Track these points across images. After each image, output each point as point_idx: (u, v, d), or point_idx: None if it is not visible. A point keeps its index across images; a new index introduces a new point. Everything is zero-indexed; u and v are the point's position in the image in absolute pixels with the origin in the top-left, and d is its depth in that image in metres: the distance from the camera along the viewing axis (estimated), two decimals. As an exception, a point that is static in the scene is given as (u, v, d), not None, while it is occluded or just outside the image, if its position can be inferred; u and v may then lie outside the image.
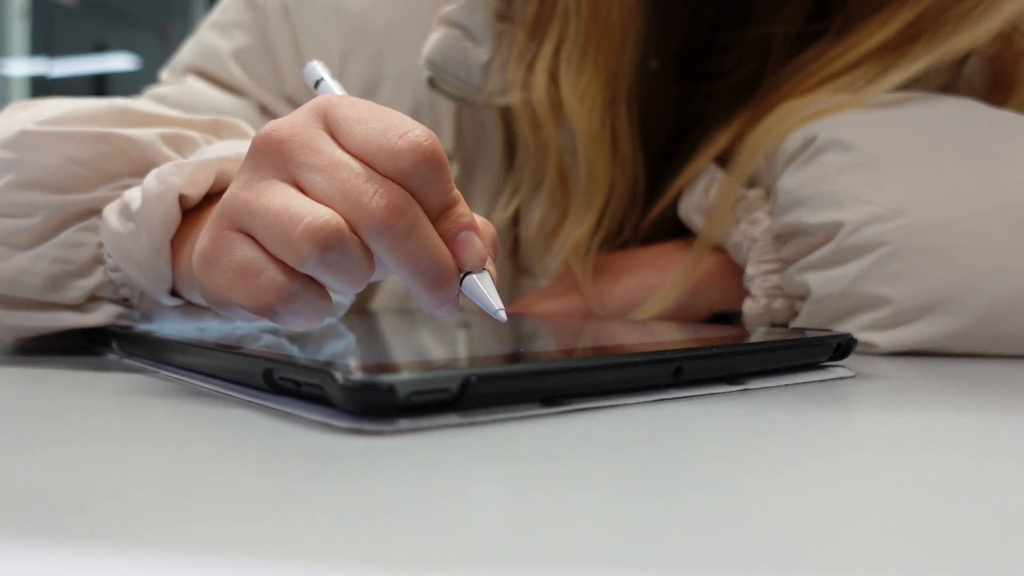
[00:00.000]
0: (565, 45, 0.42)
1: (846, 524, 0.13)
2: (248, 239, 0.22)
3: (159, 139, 0.33)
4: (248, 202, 0.22)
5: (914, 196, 0.35)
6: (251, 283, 0.22)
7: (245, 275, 0.22)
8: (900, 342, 0.35)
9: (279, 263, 0.22)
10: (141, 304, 0.33)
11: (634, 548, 0.11)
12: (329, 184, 0.22)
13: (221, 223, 0.23)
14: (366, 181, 0.22)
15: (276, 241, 0.21)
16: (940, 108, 0.39)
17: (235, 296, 0.23)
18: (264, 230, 0.22)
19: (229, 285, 0.23)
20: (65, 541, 0.12)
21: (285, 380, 0.21)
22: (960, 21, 0.38)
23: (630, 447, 0.18)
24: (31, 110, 0.35)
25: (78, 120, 0.33)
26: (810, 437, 0.19)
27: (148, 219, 0.30)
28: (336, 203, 0.21)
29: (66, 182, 0.32)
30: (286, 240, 0.21)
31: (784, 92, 0.42)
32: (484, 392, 0.20)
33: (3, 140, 0.32)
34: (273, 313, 0.22)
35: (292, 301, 0.22)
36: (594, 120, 0.42)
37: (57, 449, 0.18)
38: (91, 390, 0.26)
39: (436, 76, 0.43)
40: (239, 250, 0.22)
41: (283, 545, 0.12)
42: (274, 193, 0.22)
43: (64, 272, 0.32)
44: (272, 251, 0.22)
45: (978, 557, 0.11)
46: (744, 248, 0.40)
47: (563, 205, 0.44)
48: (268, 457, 0.17)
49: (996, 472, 0.16)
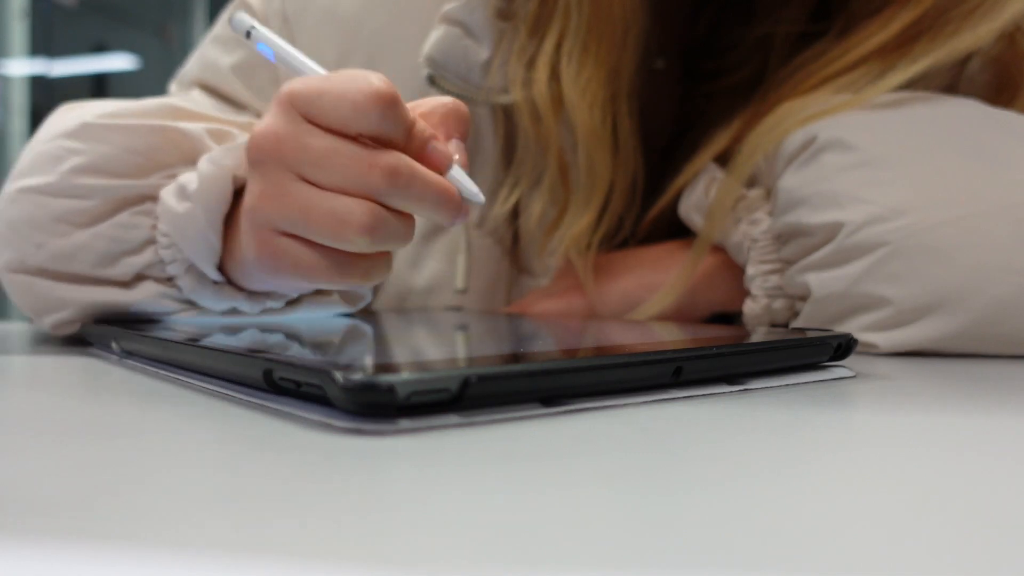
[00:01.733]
0: (566, 40, 0.42)
1: (846, 524, 0.13)
2: (295, 240, 0.27)
3: (206, 133, 0.36)
4: (280, 209, 0.27)
5: (915, 196, 0.35)
6: (319, 275, 0.27)
7: (307, 270, 0.27)
8: (901, 342, 0.35)
9: (334, 252, 0.27)
10: (185, 280, 0.36)
11: (634, 548, 0.11)
12: (332, 174, 0.26)
13: (262, 230, 0.28)
14: (358, 159, 0.26)
15: (329, 240, 0.26)
16: (941, 108, 0.39)
17: (307, 284, 0.30)
18: (312, 233, 0.27)
19: (297, 278, 0.28)
20: (65, 541, 0.12)
21: (285, 380, 0.21)
22: (961, 22, 0.38)
23: (630, 447, 0.18)
24: (84, 109, 0.38)
25: (134, 115, 0.36)
26: (810, 437, 0.19)
27: (205, 197, 0.33)
28: (348, 189, 0.26)
29: (123, 169, 0.35)
30: (340, 238, 0.26)
31: (784, 92, 0.42)
32: (484, 392, 0.20)
33: (66, 130, 0.36)
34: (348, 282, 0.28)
35: (370, 273, 0.28)
36: (595, 115, 0.42)
37: (57, 449, 0.18)
38: (91, 390, 0.26)
39: (436, 73, 0.43)
40: (293, 252, 0.27)
41: (283, 545, 0.12)
42: (300, 196, 0.26)
43: (119, 250, 0.35)
44: (327, 245, 0.27)
45: (978, 557, 0.11)
46: (744, 248, 0.40)
47: (563, 200, 0.44)
48: (268, 457, 0.17)
49: (997, 472, 0.16)
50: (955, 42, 0.38)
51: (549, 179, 0.44)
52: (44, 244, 0.35)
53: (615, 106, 0.44)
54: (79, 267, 0.35)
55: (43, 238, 0.35)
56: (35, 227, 0.35)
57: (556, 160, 0.43)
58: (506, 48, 0.44)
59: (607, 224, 0.44)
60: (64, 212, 0.35)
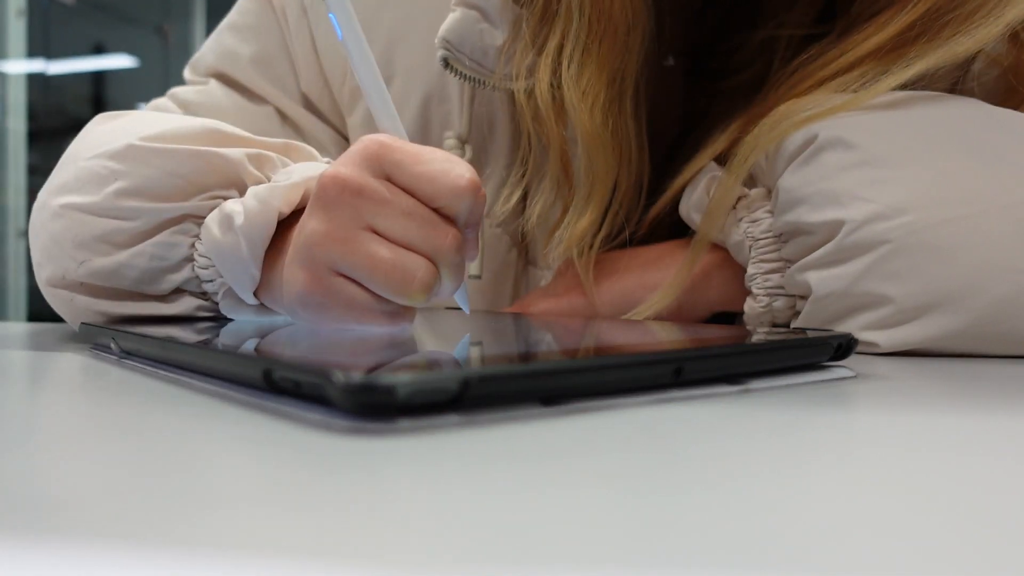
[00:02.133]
0: (568, 42, 0.42)
1: (846, 524, 0.13)
2: (351, 283, 0.29)
3: (246, 158, 0.37)
4: (346, 254, 0.28)
5: (915, 194, 0.35)
6: (369, 319, 0.29)
7: (360, 312, 0.29)
8: (901, 341, 0.35)
9: (385, 300, 0.29)
10: (223, 301, 0.38)
11: (634, 548, 0.11)
12: (408, 232, 0.28)
13: (318, 268, 0.29)
14: (435, 226, 0.28)
15: (389, 291, 0.28)
16: (942, 107, 0.38)
17: (343, 323, 0.30)
18: (374, 282, 0.28)
19: (344, 319, 0.29)
20: (64, 541, 0.12)
21: (285, 380, 0.21)
22: (958, 26, 0.38)
23: (630, 447, 0.18)
24: (123, 121, 0.40)
25: (177, 138, 0.37)
26: (810, 437, 0.19)
27: (249, 233, 0.35)
28: (418, 247, 0.28)
29: (165, 192, 0.36)
30: (402, 291, 0.28)
31: (781, 93, 0.42)
32: (484, 393, 0.20)
33: (111, 151, 0.37)
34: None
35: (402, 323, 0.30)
36: (596, 117, 0.42)
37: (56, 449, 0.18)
38: (91, 390, 0.26)
39: (451, 56, 0.43)
40: (348, 293, 0.29)
41: (283, 545, 0.11)
42: (370, 245, 0.28)
43: (159, 268, 0.37)
44: (384, 296, 0.29)
45: (979, 557, 0.11)
46: (745, 247, 0.40)
47: (566, 199, 0.44)
48: (268, 457, 0.17)
49: (997, 473, 0.16)
50: (952, 45, 0.38)
51: (552, 178, 0.44)
52: (86, 262, 0.37)
53: (618, 108, 0.44)
54: (121, 283, 0.37)
55: (85, 255, 0.36)
56: (78, 245, 0.36)
57: (559, 159, 0.43)
58: (519, 37, 0.44)
59: (610, 224, 0.44)
60: (107, 232, 0.36)
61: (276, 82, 0.50)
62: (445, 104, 0.48)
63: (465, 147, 0.48)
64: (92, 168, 0.37)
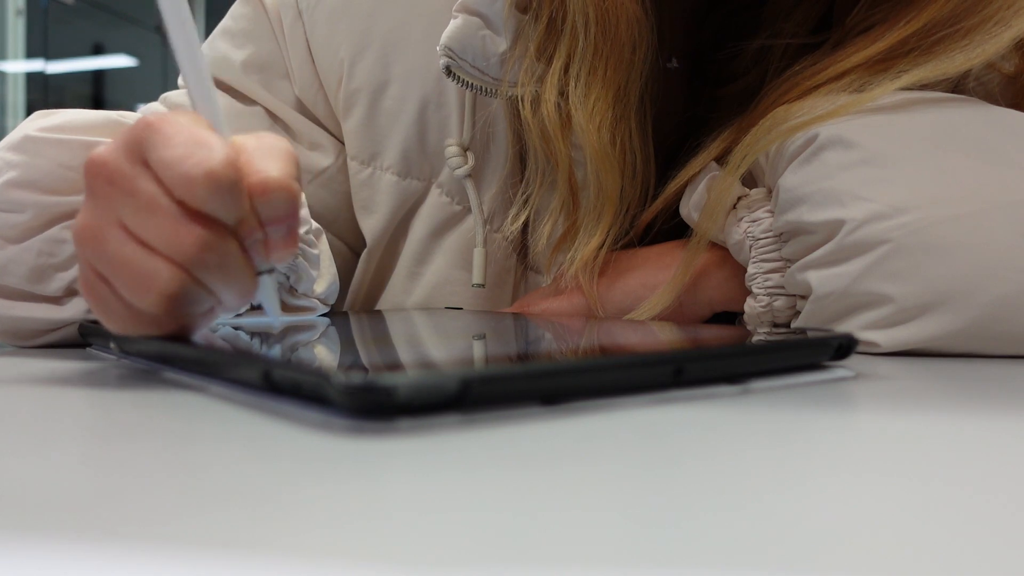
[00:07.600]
0: (574, 63, 0.42)
1: (846, 524, 0.13)
2: (106, 285, 0.25)
3: None
4: (97, 254, 0.25)
5: (916, 194, 0.35)
6: (125, 326, 0.26)
7: (117, 320, 0.26)
8: (902, 340, 0.35)
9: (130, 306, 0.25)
10: None
11: (634, 548, 0.11)
12: (148, 230, 0.24)
13: (83, 267, 0.26)
14: (176, 223, 0.24)
15: (132, 298, 0.25)
16: (943, 107, 0.38)
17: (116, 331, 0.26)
18: (119, 287, 0.25)
19: (108, 325, 0.26)
20: (65, 541, 0.12)
21: (285, 380, 0.21)
22: (953, 43, 0.38)
23: (630, 447, 0.18)
24: (51, 118, 0.38)
25: (76, 129, 0.36)
26: (811, 438, 0.19)
27: None
28: (159, 248, 0.24)
29: (56, 185, 0.35)
30: (140, 299, 0.24)
31: (772, 100, 0.42)
32: (483, 393, 0.20)
33: (10, 142, 0.36)
34: None
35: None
36: (603, 136, 0.42)
37: (57, 449, 0.18)
38: (91, 390, 0.26)
39: (453, 64, 0.43)
40: (102, 296, 0.25)
41: (283, 545, 0.11)
42: (114, 243, 0.25)
43: (47, 264, 0.35)
44: (127, 301, 0.25)
45: (979, 557, 0.11)
46: (746, 247, 0.40)
47: (573, 218, 0.44)
48: (267, 457, 0.17)
49: (997, 473, 0.16)
50: (943, 62, 0.38)
51: (560, 197, 0.44)
52: None
53: (624, 124, 0.43)
54: (11, 280, 0.36)
55: None
56: None
57: (566, 179, 0.43)
58: (523, 46, 0.43)
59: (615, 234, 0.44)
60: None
61: (268, 86, 0.49)
62: (443, 110, 0.47)
63: (468, 154, 0.47)
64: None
